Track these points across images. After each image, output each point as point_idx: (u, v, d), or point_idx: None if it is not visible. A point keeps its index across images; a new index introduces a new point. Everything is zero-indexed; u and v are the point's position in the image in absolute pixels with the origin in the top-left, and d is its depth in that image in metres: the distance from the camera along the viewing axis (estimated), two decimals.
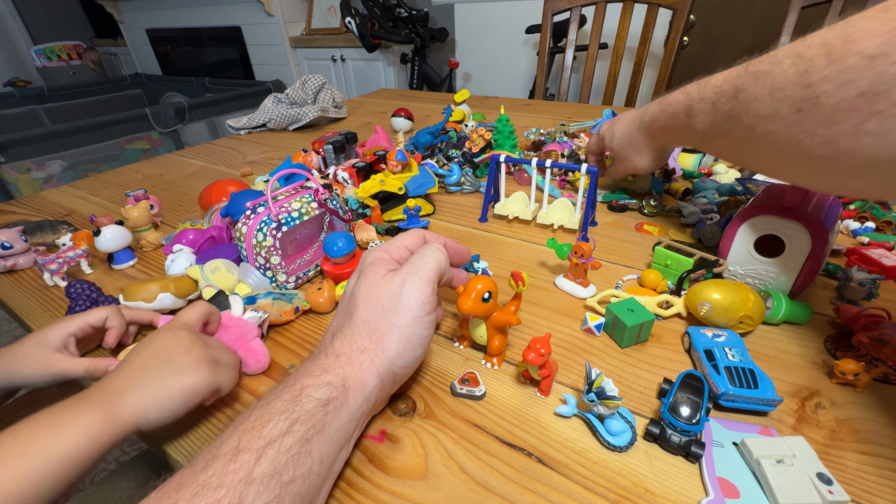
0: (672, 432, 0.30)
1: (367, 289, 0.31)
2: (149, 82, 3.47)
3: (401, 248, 0.35)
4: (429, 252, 0.34)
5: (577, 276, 0.46)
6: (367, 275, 0.32)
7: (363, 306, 0.31)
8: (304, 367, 0.29)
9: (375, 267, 0.33)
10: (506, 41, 2.19)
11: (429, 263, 0.32)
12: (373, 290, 0.31)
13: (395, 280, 0.31)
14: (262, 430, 0.24)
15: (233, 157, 0.96)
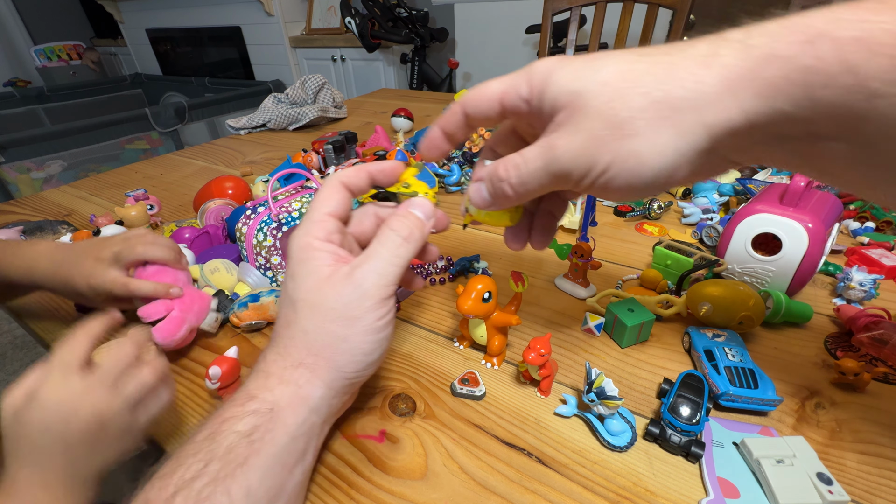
0: (672, 432, 0.30)
1: (307, 294, 0.26)
2: (149, 82, 3.47)
3: (326, 220, 0.28)
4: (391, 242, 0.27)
5: (576, 277, 0.46)
6: (302, 276, 0.27)
7: (304, 316, 0.26)
8: (237, 393, 0.26)
9: (311, 263, 0.27)
10: (506, 41, 2.19)
11: (392, 265, 0.27)
12: (314, 297, 0.26)
13: (345, 289, 0.26)
14: (173, 476, 0.22)
15: (233, 157, 0.96)
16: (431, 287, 0.49)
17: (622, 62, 0.21)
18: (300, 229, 0.29)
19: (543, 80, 0.22)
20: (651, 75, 0.20)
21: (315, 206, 0.29)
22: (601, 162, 0.21)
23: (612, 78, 0.21)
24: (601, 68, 0.21)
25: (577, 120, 0.21)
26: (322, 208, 0.29)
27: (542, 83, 0.22)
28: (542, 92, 0.22)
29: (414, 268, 0.50)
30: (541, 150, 0.23)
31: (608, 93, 0.20)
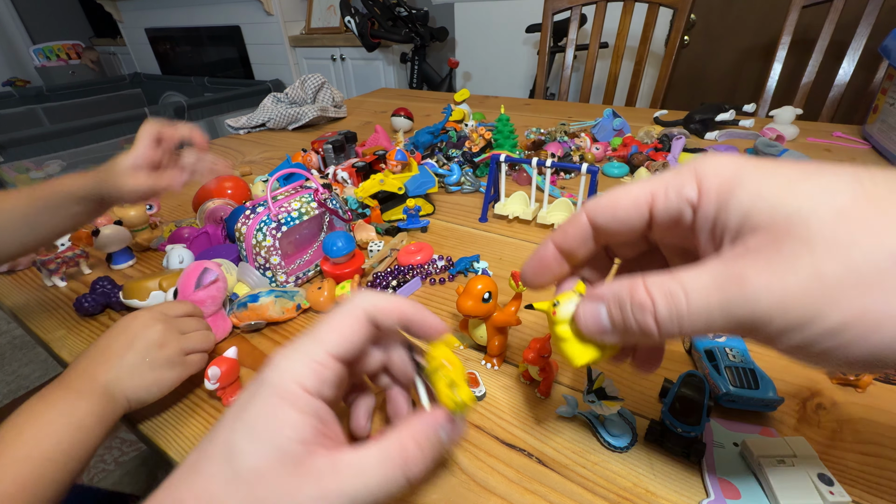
0: (673, 433, 0.30)
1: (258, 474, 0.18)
2: (148, 82, 3.47)
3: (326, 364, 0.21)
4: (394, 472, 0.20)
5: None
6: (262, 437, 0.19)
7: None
8: None
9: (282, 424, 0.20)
10: (506, 40, 2.19)
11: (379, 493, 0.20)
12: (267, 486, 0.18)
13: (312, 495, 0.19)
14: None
15: (232, 157, 0.95)
16: (431, 287, 0.49)
17: (855, 183, 0.15)
18: (286, 360, 0.21)
19: (728, 184, 0.17)
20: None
21: (319, 334, 0.22)
22: (831, 318, 0.15)
23: (852, 205, 0.15)
24: (831, 189, 0.15)
25: (793, 253, 0.15)
26: (327, 344, 0.21)
27: (727, 189, 0.17)
28: (725, 200, 0.17)
29: (414, 268, 0.50)
30: (717, 280, 0.16)
31: (850, 226, 0.15)
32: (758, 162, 0.17)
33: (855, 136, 0.87)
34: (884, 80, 0.81)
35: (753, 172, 0.17)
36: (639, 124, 0.97)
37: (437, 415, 0.22)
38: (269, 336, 0.43)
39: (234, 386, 0.36)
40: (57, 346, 0.44)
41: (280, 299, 0.43)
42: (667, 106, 1.18)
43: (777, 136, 0.81)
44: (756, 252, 0.16)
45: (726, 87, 1.90)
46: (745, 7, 1.73)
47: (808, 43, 1.13)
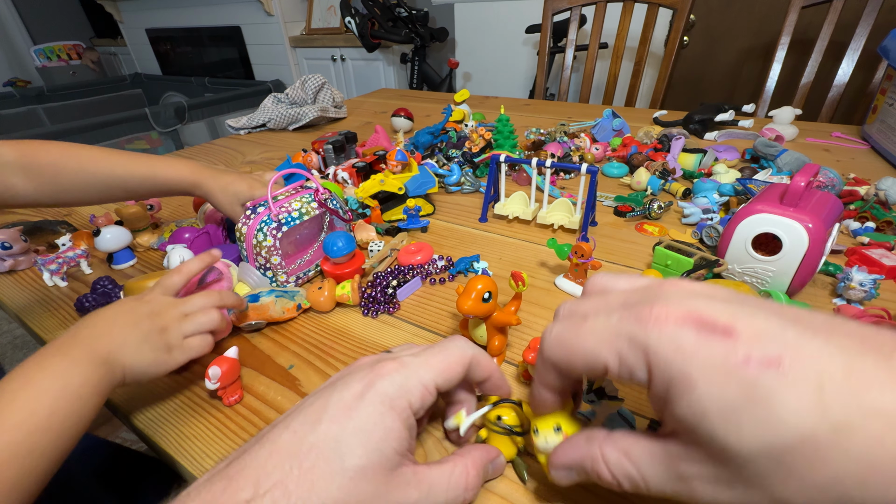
0: None
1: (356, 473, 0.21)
2: (148, 82, 3.47)
3: (430, 391, 0.24)
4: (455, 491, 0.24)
5: (577, 277, 0.46)
6: (368, 441, 0.22)
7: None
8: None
9: (390, 433, 0.22)
10: (506, 41, 2.19)
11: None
12: (364, 486, 0.21)
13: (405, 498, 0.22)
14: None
15: (232, 157, 0.95)
16: (431, 287, 0.49)
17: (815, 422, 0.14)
18: (401, 376, 0.23)
19: (670, 385, 0.17)
20: (855, 478, 0.14)
21: (433, 362, 0.24)
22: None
23: (793, 456, 0.15)
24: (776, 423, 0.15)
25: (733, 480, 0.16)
26: (437, 374, 0.24)
27: (668, 389, 0.17)
28: (667, 399, 0.18)
29: (414, 268, 0.50)
30: (670, 477, 0.18)
31: (784, 477, 0.15)
32: (708, 357, 0.16)
33: (854, 137, 0.87)
34: (883, 80, 0.81)
35: (704, 381, 0.16)
36: (638, 124, 0.97)
37: (491, 451, 0.27)
38: (269, 336, 0.43)
39: (235, 386, 0.36)
40: None
41: (281, 299, 0.43)
42: (666, 106, 1.18)
43: (776, 136, 0.81)
44: (703, 461, 0.17)
45: (726, 87, 1.90)
46: (745, 7, 1.74)
47: (807, 43, 1.13)
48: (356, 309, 0.46)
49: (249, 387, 0.37)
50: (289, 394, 0.37)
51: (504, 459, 0.28)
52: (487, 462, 0.26)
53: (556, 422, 0.25)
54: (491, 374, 0.28)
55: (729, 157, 0.77)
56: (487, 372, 0.27)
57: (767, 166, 0.71)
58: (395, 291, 0.47)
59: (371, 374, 0.23)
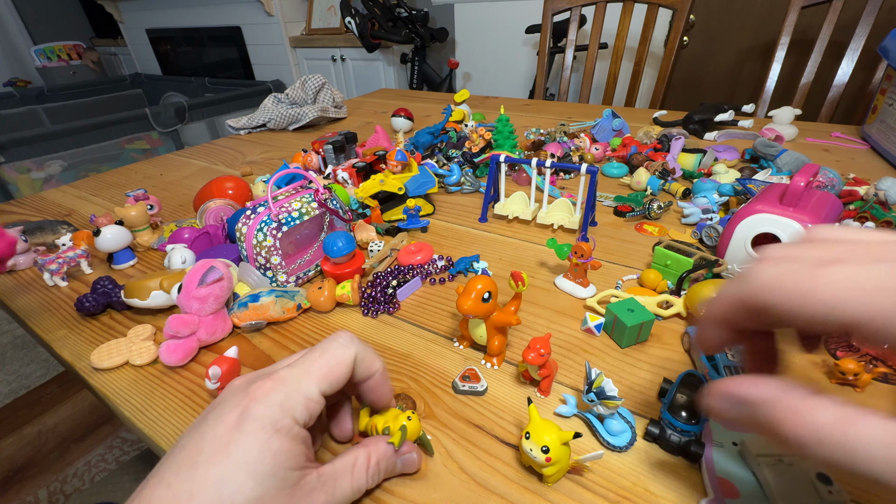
0: (672, 432, 0.30)
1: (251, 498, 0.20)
2: (149, 82, 3.47)
3: (316, 401, 0.24)
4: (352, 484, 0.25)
5: (577, 276, 0.46)
6: (260, 465, 0.21)
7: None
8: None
9: (279, 455, 0.21)
10: (506, 41, 2.19)
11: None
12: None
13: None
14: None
15: (233, 157, 0.96)
16: (431, 287, 0.49)
17: None
18: (278, 395, 0.22)
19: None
20: None
21: (313, 370, 0.23)
22: None
23: None
24: None
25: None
26: (321, 382, 0.23)
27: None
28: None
29: (414, 268, 0.50)
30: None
31: None
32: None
33: (854, 137, 0.87)
34: (882, 80, 0.81)
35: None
36: (638, 125, 0.97)
37: (383, 442, 0.27)
38: (269, 336, 0.43)
39: None
40: (58, 345, 0.44)
41: (281, 299, 0.43)
42: (666, 106, 1.18)
43: (776, 136, 0.81)
44: None
45: (725, 87, 1.90)
46: (745, 7, 1.74)
47: (807, 43, 1.13)
48: (356, 309, 0.46)
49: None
50: None
51: (415, 455, 0.28)
52: (395, 455, 0.27)
53: (546, 443, 0.26)
54: (373, 371, 0.27)
55: (728, 157, 0.77)
56: (371, 370, 0.27)
57: (767, 166, 0.71)
58: (395, 291, 0.47)
59: (245, 399, 0.22)
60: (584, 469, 0.29)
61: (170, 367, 0.40)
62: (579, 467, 0.29)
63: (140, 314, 0.48)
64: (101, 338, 0.44)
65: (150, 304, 0.44)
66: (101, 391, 0.38)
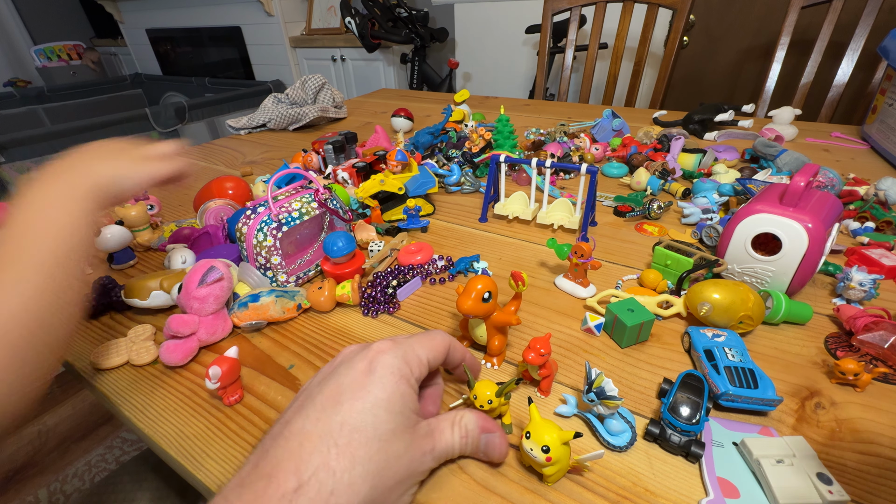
0: (672, 432, 0.30)
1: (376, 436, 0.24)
2: (149, 82, 3.47)
3: (425, 365, 0.28)
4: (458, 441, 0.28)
5: (576, 276, 0.46)
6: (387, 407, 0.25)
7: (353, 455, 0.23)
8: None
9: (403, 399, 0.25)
10: (506, 41, 2.19)
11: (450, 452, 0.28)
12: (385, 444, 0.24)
13: (419, 451, 0.26)
14: None
15: (233, 157, 0.95)
16: (431, 287, 0.49)
17: None
18: (401, 351, 0.27)
19: None
20: None
21: (424, 342, 0.29)
22: None
23: None
24: None
25: None
26: (428, 352, 0.28)
27: None
28: None
29: (414, 268, 0.50)
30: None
31: None
32: None
33: (853, 137, 0.87)
34: (882, 80, 0.81)
35: None
36: (638, 125, 0.97)
37: (489, 423, 0.29)
38: (269, 336, 0.43)
39: (235, 386, 0.36)
40: None
41: (281, 299, 0.43)
42: (666, 106, 1.18)
43: (776, 136, 0.81)
44: None
45: (725, 87, 1.90)
46: (745, 8, 1.74)
47: (807, 43, 1.13)
48: (356, 309, 0.46)
49: (249, 387, 0.37)
50: (289, 394, 0.37)
51: (500, 439, 0.29)
52: (482, 430, 0.29)
53: (546, 443, 0.26)
54: (464, 357, 0.32)
55: (728, 157, 0.77)
56: (461, 357, 0.32)
57: (767, 166, 0.71)
58: (395, 291, 0.47)
59: (371, 352, 0.26)
60: (584, 469, 0.29)
61: (170, 367, 0.40)
62: (579, 467, 0.29)
63: (140, 314, 0.48)
64: (102, 338, 0.44)
65: (150, 304, 0.44)
66: (101, 391, 0.38)
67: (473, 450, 0.29)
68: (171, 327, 0.38)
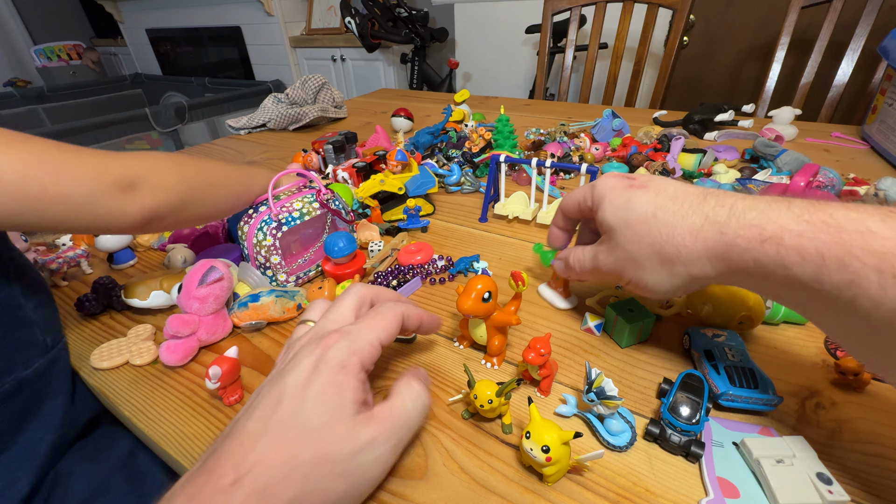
0: (672, 432, 0.30)
1: (317, 431, 0.24)
2: (149, 82, 3.47)
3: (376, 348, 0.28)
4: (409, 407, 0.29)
5: (558, 286, 0.45)
6: (326, 401, 0.25)
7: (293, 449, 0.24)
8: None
9: (343, 392, 0.26)
10: (506, 41, 2.19)
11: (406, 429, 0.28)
12: (325, 436, 0.24)
13: (363, 442, 0.25)
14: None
15: (233, 158, 0.96)
16: (431, 287, 0.49)
17: (647, 206, 0.30)
18: (347, 341, 0.27)
19: (598, 202, 0.33)
20: (658, 232, 0.29)
21: (373, 324, 0.29)
22: (626, 276, 0.32)
23: (635, 223, 0.30)
24: (632, 210, 0.31)
25: (611, 247, 0.33)
26: (379, 333, 0.28)
27: (598, 204, 0.33)
28: (597, 209, 0.33)
29: (414, 268, 0.50)
30: (592, 255, 0.35)
31: (630, 236, 0.31)
32: (616, 186, 0.33)
33: (853, 137, 0.87)
34: (882, 80, 0.81)
35: (609, 195, 0.33)
36: (638, 125, 0.97)
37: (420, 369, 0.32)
38: (269, 336, 0.43)
39: (235, 386, 0.36)
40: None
41: (281, 299, 0.43)
42: (666, 106, 1.18)
43: (776, 136, 0.81)
44: (603, 242, 0.34)
45: (725, 87, 1.90)
46: (745, 8, 1.74)
47: (807, 43, 1.13)
48: None
49: (249, 387, 0.37)
50: None
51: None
52: (418, 372, 0.31)
53: (546, 443, 0.26)
54: (421, 320, 0.33)
55: (728, 157, 0.77)
56: (418, 320, 0.33)
57: (767, 166, 0.71)
58: (395, 291, 0.47)
59: (318, 349, 0.27)
60: (584, 469, 0.29)
61: (170, 367, 0.40)
62: (579, 467, 0.29)
63: (140, 314, 0.48)
64: (101, 338, 0.44)
65: (150, 304, 0.44)
66: (101, 391, 0.38)
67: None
68: (171, 327, 0.38)
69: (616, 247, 0.32)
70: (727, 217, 0.26)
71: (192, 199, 0.42)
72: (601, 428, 0.31)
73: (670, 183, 0.31)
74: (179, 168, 0.42)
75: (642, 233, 0.30)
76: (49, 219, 0.33)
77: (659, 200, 0.30)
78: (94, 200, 0.34)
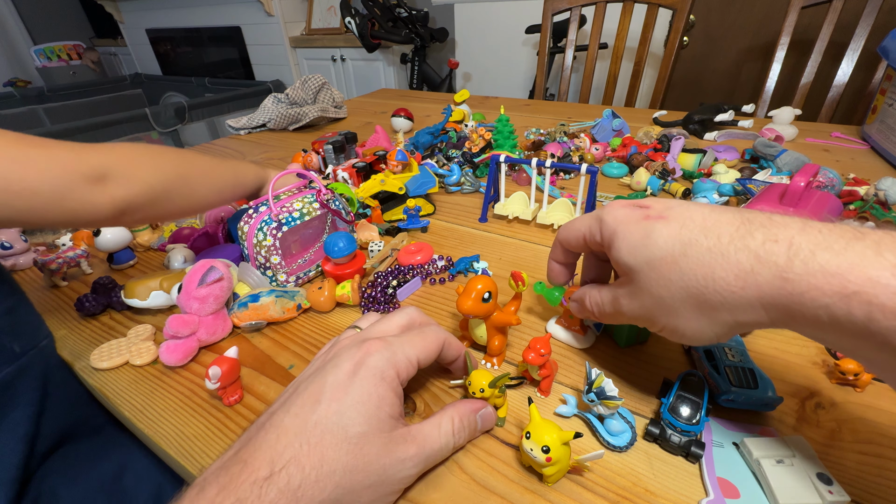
0: (672, 432, 0.30)
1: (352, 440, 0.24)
2: (149, 82, 3.47)
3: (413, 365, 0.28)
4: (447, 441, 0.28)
5: (572, 324, 0.40)
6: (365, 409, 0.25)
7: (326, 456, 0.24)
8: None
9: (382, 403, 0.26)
10: (506, 41, 2.19)
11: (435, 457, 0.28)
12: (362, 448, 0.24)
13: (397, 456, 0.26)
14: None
15: (233, 158, 0.95)
16: (431, 287, 0.49)
17: (672, 243, 0.25)
18: (388, 352, 0.27)
19: (609, 238, 0.28)
20: (693, 274, 0.24)
21: (415, 342, 0.29)
22: (657, 324, 0.27)
23: (660, 264, 0.25)
24: (654, 248, 0.25)
25: (633, 291, 0.27)
26: (419, 352, 0.28)
27: (609, 241, 0.28)
28: (609, 247, 0.29)
29: (414, 268, 0.50)
30: (612, 299, 0.30)
31: (656, 279, 0.25)
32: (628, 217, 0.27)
33: (853, 137, 0.87)
34: (882, 80, 0.81)
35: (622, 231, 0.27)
36: (638, 125, 0.97)
37: (477, 402, 0.31)
38: (269, 336, 0.43)
39: (235, 386, 0.36)
40: (58, 345, 0.44)
41: (281, 299, 0.43)
42: (666, 106, 1.18)
43: (776, 136, 0.81)
44: (623, 284, 0.29)
45: (725, 87, 1.90)
46: (745, 8, 1.74)
47: (807, 43, 1.13)
48: (356, 309, 0.46)
49: (249, 387, 0.37)
50: None
51: (492, 410, 0.31)
52: (474, 412, 0.30)
53: (546, 443, 0.26)
54: (459, 355, 0.33)
55: (728, 157, 0.77)
56: (457, 353, 0.32)
57: (767, 166, 0.71)
58: (395, 291, 0.47)
59: (360, 352, 0.27)
60: (584, 469, 0.29)
61: (170, 367, 0.40)
62: (579, 467, 0.29)
63: (140, 314, 0.48)
64: (101, 338, 0.44)
65: (150, 304, 0.44)
66: (101, 391, 0.38)
67: (471, 433, 0.29)
68: (171, 327, 0.38)
69: (640, 291, 0.27)
70: (788, 258, 0.21)
71: (168, 192, 0.41)
72: (601, 428, 0.31)
73: (694, 209, 0.25)
74: (155, 160, 0.41)
75: (672, 276, 0.24)
76: (16, 212, 0.32)
77: (685, 234, 0.24)
78: (63, 194, 0.34)
